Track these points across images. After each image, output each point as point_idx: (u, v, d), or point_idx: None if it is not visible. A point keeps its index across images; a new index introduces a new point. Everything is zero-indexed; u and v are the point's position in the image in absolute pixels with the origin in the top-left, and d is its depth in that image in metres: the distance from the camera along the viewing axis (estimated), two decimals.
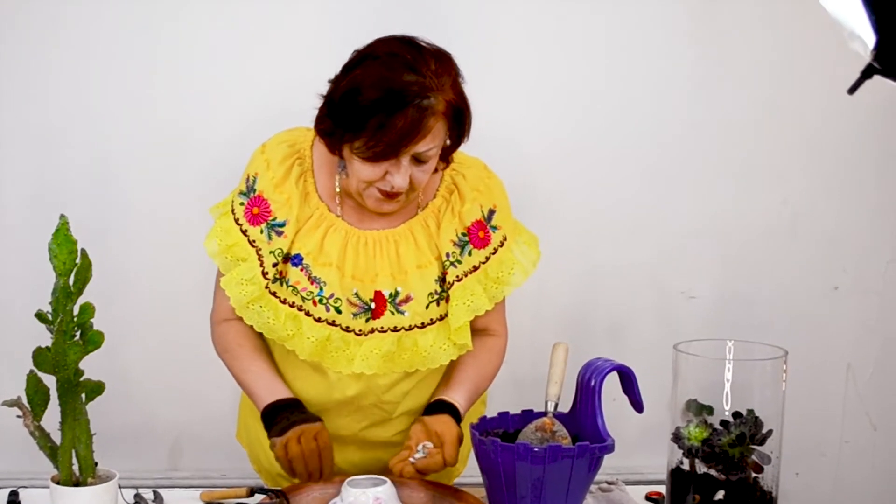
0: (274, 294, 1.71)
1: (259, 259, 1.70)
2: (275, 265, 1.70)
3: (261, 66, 2.38)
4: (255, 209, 1.72)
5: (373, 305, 1.72)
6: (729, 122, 2.52)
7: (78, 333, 1.54)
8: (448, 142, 1.67)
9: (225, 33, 2.37)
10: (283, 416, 1.69)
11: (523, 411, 1.72)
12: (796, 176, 2.57)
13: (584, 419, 1.66)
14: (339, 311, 1.70)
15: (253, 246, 1.71)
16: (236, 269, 1.71)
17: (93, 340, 1.55)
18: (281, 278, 1.71)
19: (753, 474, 1.55)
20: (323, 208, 1.73)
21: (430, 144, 1.60)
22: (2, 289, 2.39)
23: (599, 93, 2.49)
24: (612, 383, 1.66)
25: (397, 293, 1.72)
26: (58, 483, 1.56)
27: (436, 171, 1.70)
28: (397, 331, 1.73)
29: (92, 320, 1.56)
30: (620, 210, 2.53)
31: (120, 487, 1.64)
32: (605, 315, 2.56)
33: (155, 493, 1.77)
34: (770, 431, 1.55)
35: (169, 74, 2.37)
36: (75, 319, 1.53)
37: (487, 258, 1.76)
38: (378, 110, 1.55)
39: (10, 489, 1.79)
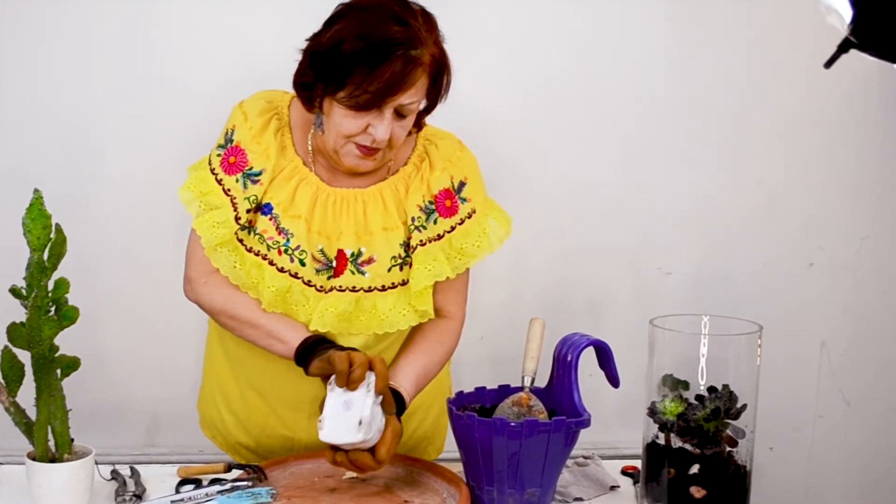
0: (241, 242, 1.71)
1: (233, 206, 1.70)
2: (248, 211, 1.70)
3: (237, 38, 2.36)
4: (232, 158, 1.71)
5: (334, 263, 1.71)
6: (706, 100, 2.53)
7: (53, 309, 1.53)
8: (425, 102, 1.67)
9: (202, 5, 2.35)
10: (320, 349, 1.65)
11: (500, 386, 1.73)
12: (773, 154, 2.58)
13: (560, 394, 1.67)
14: (302, 264, 1.70)
15: (228, 195, 1.70)
16: (209, 213, 1.71)
17: (67, 316, 1.54)
18: (250, 227, 1.71)
19: (728, 448, 1.56)
20: (298, 161, 1.73)
21: (413, 97, 1.61)
22: None
23: (577, 73, 2.48)
24: (588, 358, 1.67)
25: (360, 253, 1.71)
26: (34, 459, 1.56)
27: (409, 134, 1.70)
28: (356, 291, 1.72)
29: (67, 296, 1.55)
30: (598, 187, 2.54)
31: (97, 464, 1.63)
32: (582, 291, 2.57)
33: (132, 469, 1.76)
34: (745, 406, 1.56)
35: (145, 47, 2.35)
36: (50, 295, 1.52)
37: (453, 227, 1.74)
38: (365, 59, 1.55)
39: None
